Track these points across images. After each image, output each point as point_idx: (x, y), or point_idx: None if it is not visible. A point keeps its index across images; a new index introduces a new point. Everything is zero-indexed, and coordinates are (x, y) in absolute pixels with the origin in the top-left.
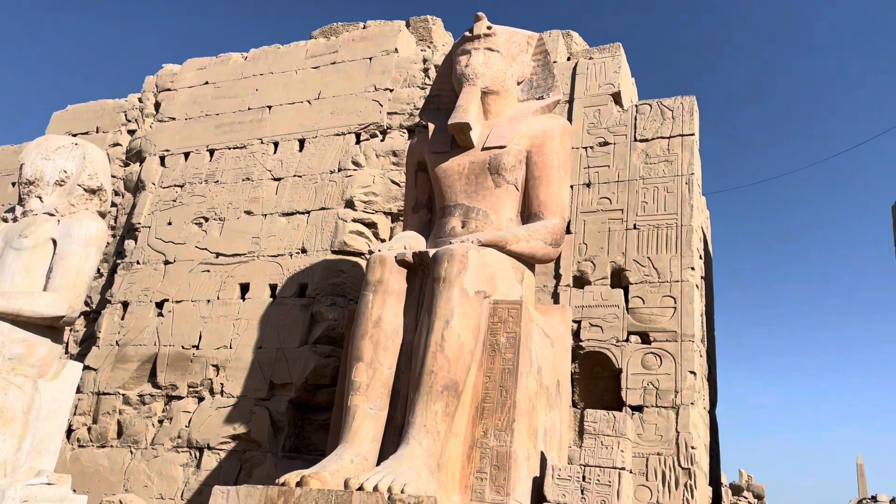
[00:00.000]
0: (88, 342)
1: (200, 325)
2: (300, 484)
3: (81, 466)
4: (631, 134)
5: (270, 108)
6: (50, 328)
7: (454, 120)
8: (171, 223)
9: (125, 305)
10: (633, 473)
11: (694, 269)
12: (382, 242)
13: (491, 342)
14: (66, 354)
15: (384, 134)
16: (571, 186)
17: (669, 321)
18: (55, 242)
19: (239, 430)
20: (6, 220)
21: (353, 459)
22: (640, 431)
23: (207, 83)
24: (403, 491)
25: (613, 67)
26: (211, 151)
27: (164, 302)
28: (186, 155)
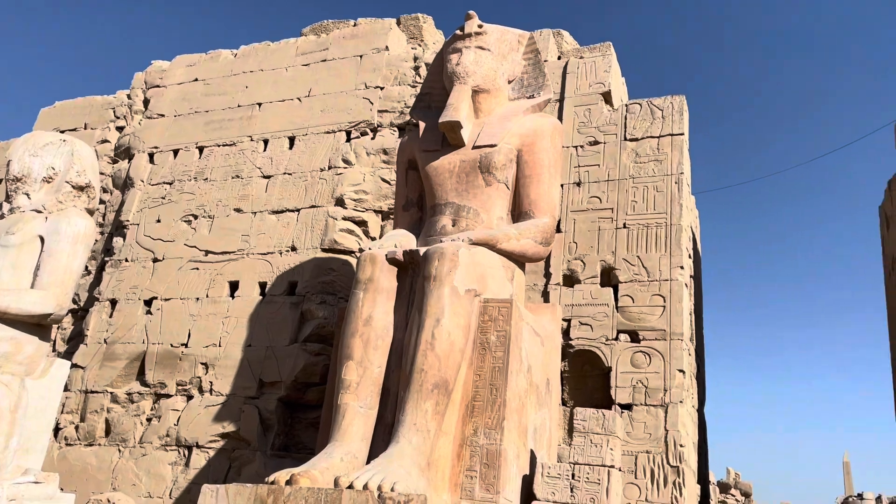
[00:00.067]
0: (76, 340)
1: (189, 322)
2: (290, 482)
3: (69, 465)
4: (621, 133)
5: (260, 105)
6: (37, 326)
7: (445, 118)
8: (159, 221)
9: (113, 303)
10: (622, 471)
11: (683, 268)
12: (373, 241)
13: (481, 340)
14: (53, 352)
15: (374, 132)
16: (562, 185)
17: (658, 320)
18: (43, 240)
19: (228, 428)
20: None
21: (342, 458)
22: (629, 429)
23: (197, 80)
24: (393, 489)
25: (604, 67)
26: (200, 149)
27: (152, 300)
28: (175, 152)
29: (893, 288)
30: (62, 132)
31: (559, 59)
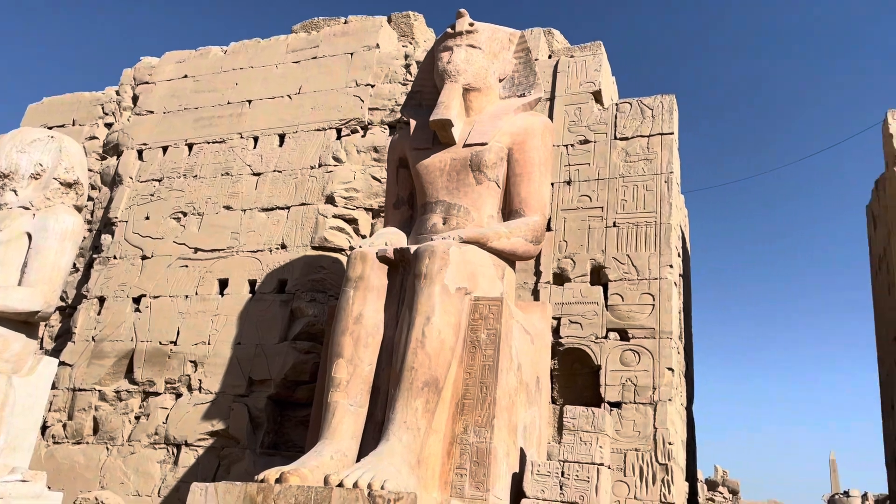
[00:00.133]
0: (64, 338)
1: (178, 320)
2: (280, 480)
3: (56, 463)
4: (611, 132)
5: (250, 102)
6: (25, 323)
7: (436, 116)
8: (148, 218)
9: (102, 301)
10: (611, 469)
11: (672, 266)
12: (363, 238)
13: (471, 339)
14: (41, 350)
15: (365, 130)
16: (552, 184)
17: (648, 318)
18: (30, 236)
19: (217, 426)
20: None
21: (332, 456)
22: (618, 427)
23: (186, 76)
24: (383, 487)
25: (594, 66)
26: (189, 146)
27: (141, 297)
28: (164, 149)
29: (880, 287)
30: (50, 128)
31: (550, 57)
